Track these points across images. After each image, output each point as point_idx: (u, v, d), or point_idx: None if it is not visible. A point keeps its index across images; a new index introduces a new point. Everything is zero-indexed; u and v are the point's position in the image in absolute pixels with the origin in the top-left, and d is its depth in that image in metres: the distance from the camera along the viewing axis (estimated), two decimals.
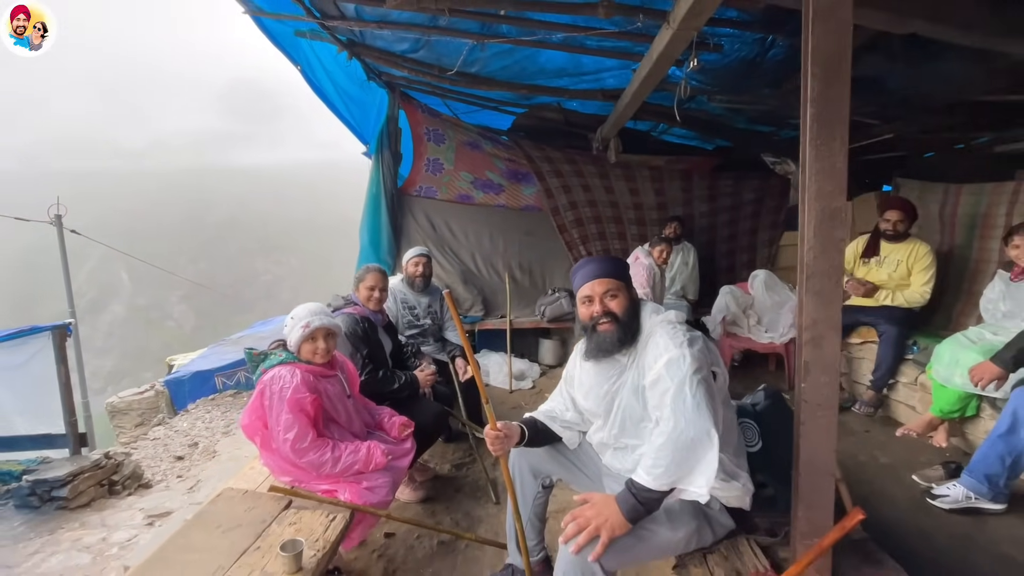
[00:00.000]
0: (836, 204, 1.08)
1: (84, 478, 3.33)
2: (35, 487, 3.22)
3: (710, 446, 1.26)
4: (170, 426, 5.70)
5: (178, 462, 4.39)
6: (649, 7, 2.06)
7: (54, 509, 3.20)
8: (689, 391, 1.30)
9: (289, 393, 1.78)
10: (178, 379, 7.56)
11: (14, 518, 3.15)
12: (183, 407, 6.75)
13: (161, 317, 43.49)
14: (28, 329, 5.26)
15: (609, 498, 1.30)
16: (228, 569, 1.36)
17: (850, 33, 1.04)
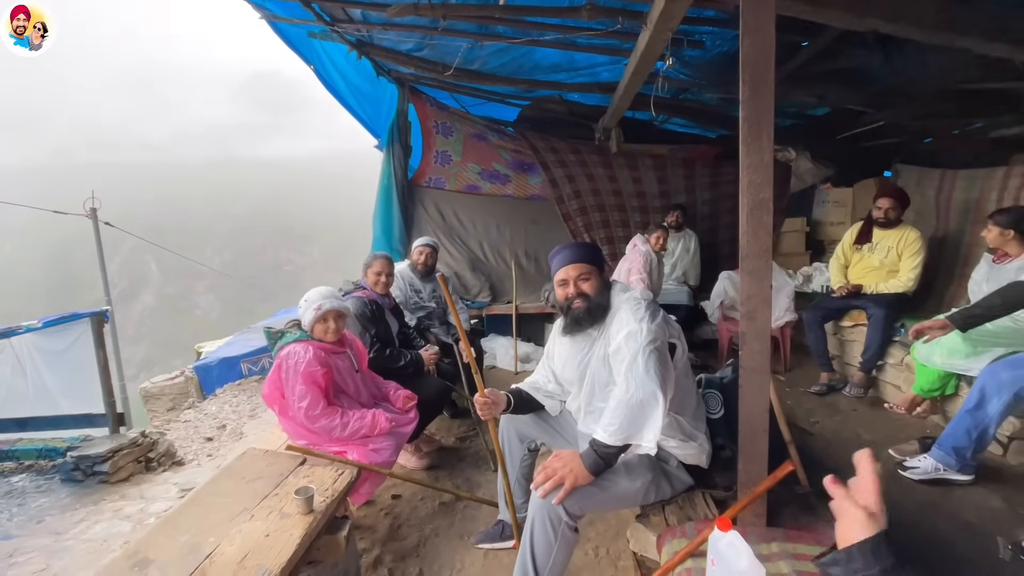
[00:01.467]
0: (764, 194, 1.23)
1: (123, 454, 3.61)
2: (79, 462, 3.51)
3: (656, 406, 1.43)
4: (200, 409, 6.05)
5: (208, 443, 4.69)
6: (628, 8, 2.20)
7: (96, 483, 3.49)
8: (642, 359, 1.47)
9: (303, 367, 2.01)
10: (206, 365, 7.87)
11: (60, 491, 3.47)
12: (211, 392, 7.09)
13: (189, 306, 44.88)
14: (70, 316, 5.68)
15: (575, 453, 1.50)
16: (252, 510, 1.61)
17: (772, 48, 1.19)
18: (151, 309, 42.99)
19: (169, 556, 1.39)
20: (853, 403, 3.41)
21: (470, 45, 2.86)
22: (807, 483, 1.72)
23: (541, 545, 1.44)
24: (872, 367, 3.38)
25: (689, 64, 2.67)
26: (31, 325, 5.87)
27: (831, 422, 3.20)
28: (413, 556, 2.11)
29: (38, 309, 24.04)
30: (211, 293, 45.52)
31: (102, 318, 5.78)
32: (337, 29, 3.07)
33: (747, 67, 1.21)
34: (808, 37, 2.45)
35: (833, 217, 5.18)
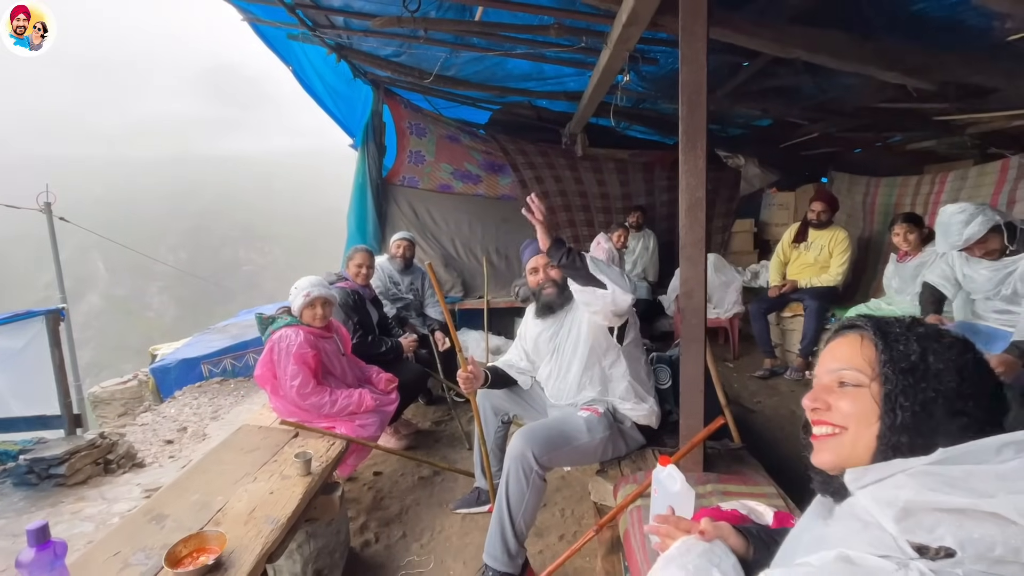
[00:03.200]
0: (698, 194, 1.51)
1: (80, 456, 3.49)
2: (33, 465, 3.38)
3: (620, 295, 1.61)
4: (157, 412, 5.91)
5: (168, 445, 4.61)
6: (591, 29, 2.47)
7: (52, 486, 3.39)
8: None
9: (295, 348, 2.18)
10: (164, 367, 7.64)
11: (13, 494, 3.38)
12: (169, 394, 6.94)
13: (140, 308, 42.85)
14: (24, 313, 5.55)
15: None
16: (255, 474, 1.78)
17: (704, 74, 1.47)
18: (98, 311, 40.85)
19: (183, 511, 1.56)
20: (792, 385, 3.80)
21: (447, 54, 3.07)
22: (739, 440, 2.02)
23: (515, 492, 1.68)
24: (809, 353, 3.77)
25: (646, 78, 2.97)
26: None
27: (771, 402, 3.57)
28: (396, 522, 2.31)
29: None
30: (165, 294, 43.63)
31: (58, 316, 5.66)
32: (319, 34, 3.22)
33: (685, 90, 1.48)
34: (748, 58, 2.78)
35: (778, 219, 5.64)
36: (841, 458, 0.69)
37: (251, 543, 1.41)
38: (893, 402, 0.65)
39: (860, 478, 0.64)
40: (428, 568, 2.00)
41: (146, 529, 1.47)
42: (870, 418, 0.67)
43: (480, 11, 2.53)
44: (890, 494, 0.59)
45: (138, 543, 1.40)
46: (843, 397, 0.70)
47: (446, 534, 2.21)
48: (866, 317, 0.73)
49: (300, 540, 1.79)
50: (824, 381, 0.74)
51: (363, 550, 2.12)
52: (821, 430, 0.72)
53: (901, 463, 0.60)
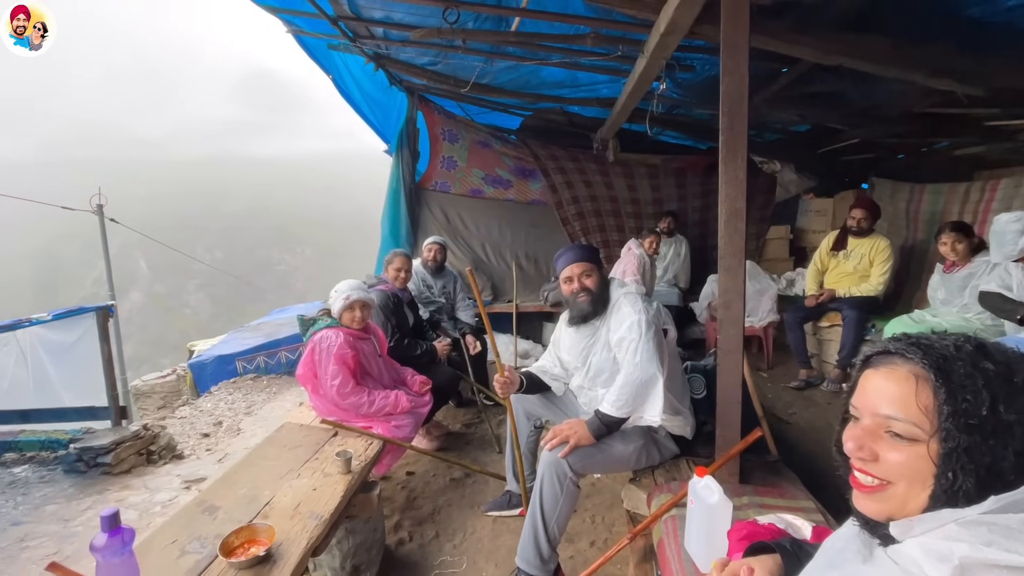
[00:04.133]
0: (738, 204, 1.51)
1: (125, 447, 3.69)
2: (82, 454, 3.58)
3: (657, 384, 1.73)
4: (195, 406, 6.15)
5: (205, 438, 4.81)
6: (628, 38, 2.48)
7: (99, 474, 3.58)
8: (643, 345, 1.76)
9: (335, 349, 2.26)
10: (201, 362, 7.94)
11: (63, 481, 3.58)
12: (206, 389, 7.21)
13: (178, 305, 44.53)
14: (77, 309, 5.86)
15: (581, 420, 1.77)
16: (298, 470, 1.85)
17: (746, 84, 1.47)
18: (140, 307, 42.62)
19: (233, 504, 1.63)
20: (829, 397, 3.70)
21: (483, 63, 3.13)
22: (776, 452, 1.99)
23: (549, 497, 1.70)
24: (847, 364, 3.67)
25: (681, 85, 2.95)
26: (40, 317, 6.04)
27: (807, 414, 3.49)
28: (429, 522, 2.35)
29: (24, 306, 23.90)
30: (201, 292, 45.24)
31: (107, 312, 5.95)
32: (358, 44, 3.32)
33: (726, 100, 1.48)
34: (787, 64, 2.74)
35: (815, 225, 5.50)
36: (887, 512, 0.63)
37: (297, 537, 1.47)
38: (953, 463, 0.57)
39: (909, 530, 0.59)
40: (461, 568, 2.04)
41: (200, 519, 1.55)
42: (924, 478, 0.59)
43: (517, 21, 2.57)
44: (943, 547, 0.54)
45: (193, 532, 1.48)
46: (893, 449, 0.61)
47: (478, 536, 2.25)
48: (919, 343, 0.63)
49: (339, 536, 1.85)
50: (868, 423, 0.64)
51: (397, 548, 2.17)
52: (865, 479, 0.64)
53: (952, 513, 0.56)
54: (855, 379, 0.69)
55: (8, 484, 3.48)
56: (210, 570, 1.33)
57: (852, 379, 0.70)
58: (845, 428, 0.68)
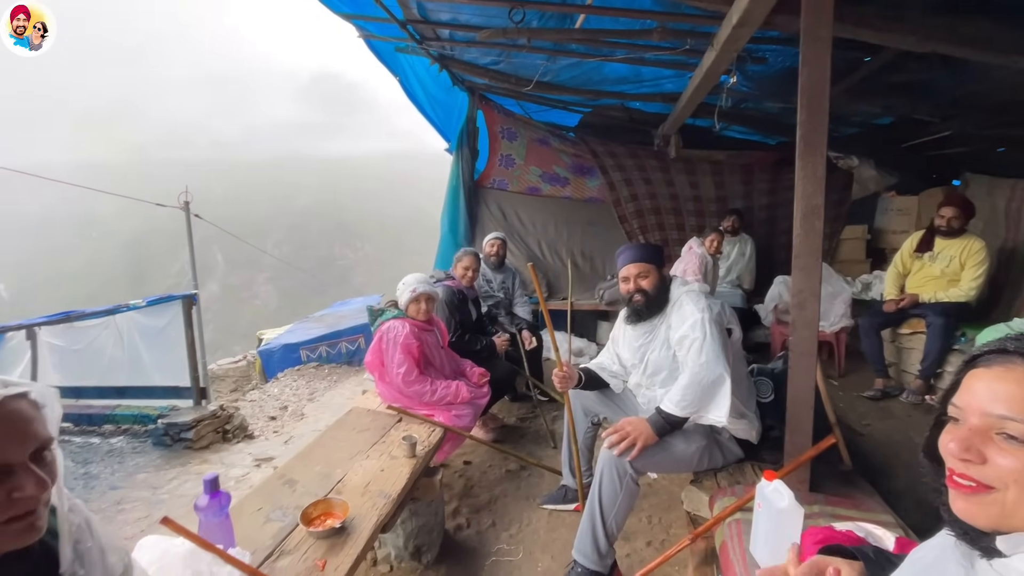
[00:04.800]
0: (816, 201, 1.45)
1: (205, 424, 4.01)
2: (168, 429, 3.94)
3: (724, 385, 1.70)
4: (263, 391, 6.56)
5: (272, 421, 5.12)
6: (697, 31, 2.42)
7: (182, 448, 3.91)
8: (709, 345, 1.73)
9: (401, 339, 2.36)
10: (269, 350, 8.46)
11: (152, 452, 3.94)
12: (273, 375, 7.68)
13: (249, 296, 47.60)
14: (167, 297, 6.41)
15: (642, 419, 1.76)
16: (367, 451, 1.96)
17: (828, 77, 1.40)
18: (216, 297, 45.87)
19: (309, 479, 1.76)
20: (908, 409, 3.45)
21: (545, 61, 3.15)
22: (849, 462, 1.90)
23: (608, 493, 1.70)
24: (931, 375, 3.40)
25: (752, 78, 2.84)
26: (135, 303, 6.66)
27: (883, 425, 3.27)
28: (486, 510, 2.41)
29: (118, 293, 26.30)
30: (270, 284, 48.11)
31: (191, 300, 6.48)
32: (424, 46, 3.43)
33: (805, 93, 1.42)
34: (871, 52, 2.57)
35: (896, 225, 5.12)
36: (992, 520, 0.59)
37: (368, 513, 1.56)
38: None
39: (1019, 544, 0.56)
40: (517, 558, 2.08)
41: (281, 491, 1.68)
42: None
43: (582, 18, 2.57)
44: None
45: (275, 502, 1.61)
46: (1006, 454, 0.58)
47: (533, 527, 2.28)
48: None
49: (404, 517, 1.94)
50: (976, 423, 0.60)
51: (456, 533, 2.24)
52: (969, 483, 0.61)
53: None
54: (957, 378, 0.65)
55: (106, 452, 3.88)
56: (291, 536, 1.44)
57: (953, 378, 0.67)
58: (943, 431, 0.64)
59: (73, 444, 4.01)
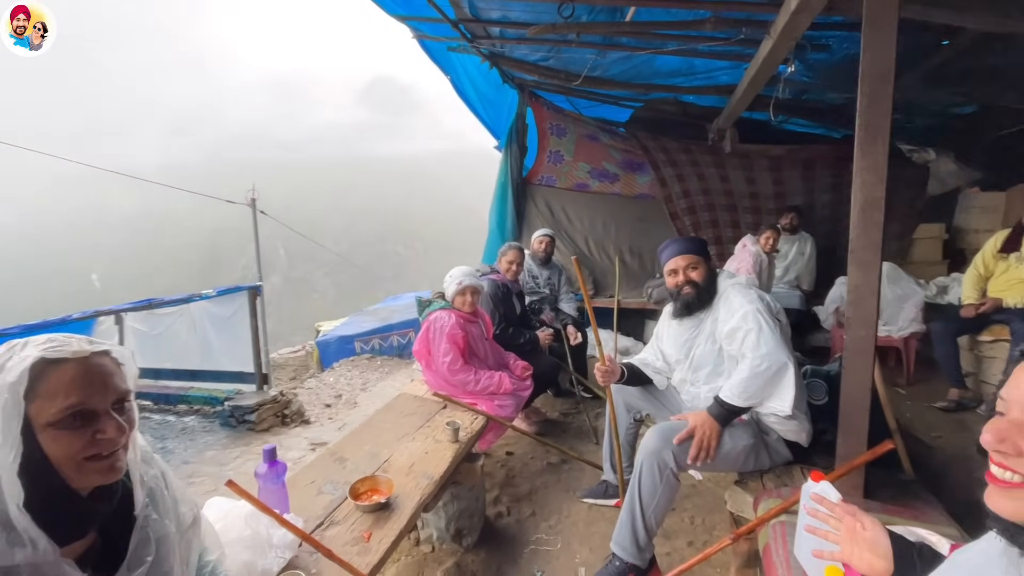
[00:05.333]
0: (876, 194, 1.37)
1: (266, 408, 4.29)
2: (234, 411, 4.24)
3: (787, 372, 1.65)
4: (319, 379, 6.89)
5: (327, 408, 5.38)
6: (753, 19, 2.33)
7: (245, 429, 4.20)
8: (768, 333, 1.68)
9: (447, 329, 2.44)
10: (326, 341, 8.85)
11: (219, 432, 4.25)
12: (329, 365, 8.04)
13: (308, 289, 50.05)
14: (234, 287, 6.85)
15: (702, 412, 1.72)
16: (412, 435, 2.04)
17: (892, 62, 1.32)
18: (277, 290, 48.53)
19: (359, 458, 1.85)
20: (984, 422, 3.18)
21: (595, 56, 3.13)
22: (911, 471, 1.78)
23: (647, 487, 1.69)
24: None
25: (813, 67, 2.70)
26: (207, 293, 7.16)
27: (957, 439, 3.03)
28: (526, 500, 2.45)
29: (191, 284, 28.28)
30: (328, 278, 50.38)
31: (256, 292, 6.90)
32: (475, 44, 3.50)
33: (866, 79, 1.35)
34: (948, 35, 2.39)
35: (979, 224, 4.71)
36: (1016, 513, 0.58)
37: (411, 492, 1.64)
38: None
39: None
40: (556, 548, 2.10)
41: (332, 467, 1.79)
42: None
43: (632, 11, 2.54)
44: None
45: (327, 477, 1.71)
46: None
47: (573, 519, 2.29)
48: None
49: (446, 499, 2.00)
50: (1017, 416, 0.61)
51: (496, 520, 2.29)
52: (1004, 475, 0.61)
53: None
54: (1010, 370, 0.63)
55: (180, 430, 4.22)
56: (341, 508, 1.53)
57: (1006, 371, 0.64)
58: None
59: (152, 421, 4.39)
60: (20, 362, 0.68)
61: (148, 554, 0.79)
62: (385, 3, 3.09)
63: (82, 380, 0.72)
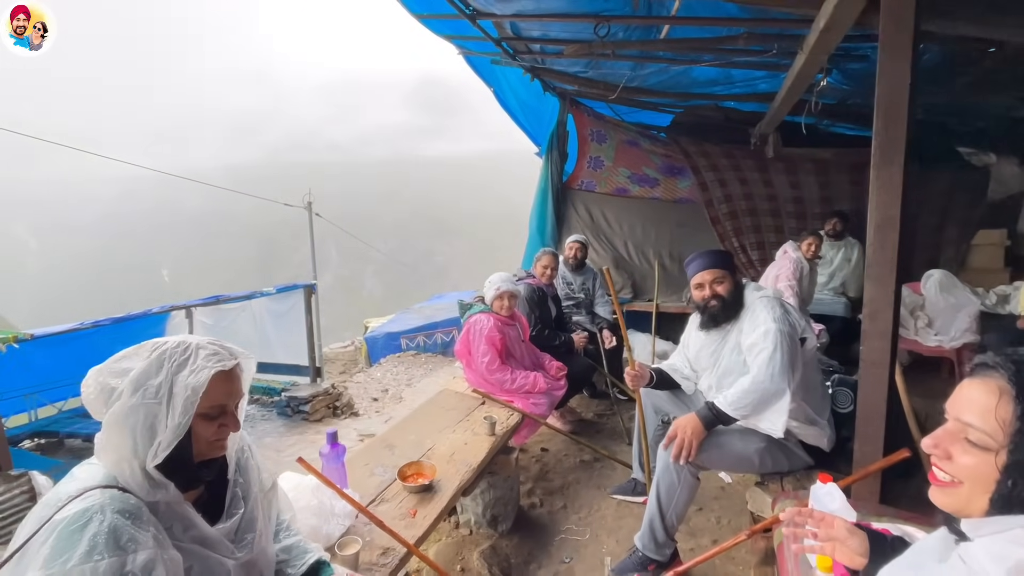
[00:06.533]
0: (891, 212, 1.44)
1: (319, 400, 4.60)
2: (290, 402, 4.59)
3: (782, 400, 1.73)
4: (368, 374, 7.23)
5: (374, 402, 5.67)
6: (785, 35, 2.38)
7: (300, 419, 4.52)
8: (778, 356, 1.75)
9: (486, 331, 2.62)
10: (374, 337, 9.22)
11: (276, 420, 4.60)
12: (377, 360, 8.40)
13: (357, 287, 51.91)
14: (291, 286, 7.32)
15: (690, 415, 1.83)
16: (453, 427, 2.24)
17: (906, 88, 1.37)
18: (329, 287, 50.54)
19: (405, 445, 2.07)
20: None
21: (631, 70, 3.23)
22: None
23: (666, 485, 1.81)
24: None
25: (852, 76, 2.70)
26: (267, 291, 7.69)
27: None
28: (558, 494, 2.60)
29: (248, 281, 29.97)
30: (376, 277, 52.09)
31: (310, 290, 7.36)
32: (518, 60, 3.67)
33: (881, 103, 1.42)
34: (994, 42, 2.35)
35: None
36: (953, 507, 0.70)
37: (452, 477, 1.83)
38: (1013, 474, 0.63)
39: (977, 528, 0.66)
40: (584, 538, 2.24)
41: (382, 452, 2.01)
42: (987, 483, 0.65)
43: (666, 29, 2.64)
44: (1004, 550, 0.61)
45: (378, 461, 1.93)
46: (965, 453, 0.67)
47: (602, 514, 2.43)
48: (1016, 360, 0.67)
49: (483, 488, 2.19)
50: (951, 426, 0.71)
51: (529, 510, 2.46)
52: (939, 474, 0.72)
53: (1019, 519, 0.62)
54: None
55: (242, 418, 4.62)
56: (390, 488, 1.74)
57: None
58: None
59: None
60: (203, 370, 0.90)
61: (239, 508, 1.01)
62: (432, 24, 3.31)
63: (227, 386, 0.95)
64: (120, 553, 0.75)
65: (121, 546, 0.76)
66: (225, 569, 0.93)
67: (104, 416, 0.87)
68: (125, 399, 0.86)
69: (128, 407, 0.86)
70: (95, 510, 0.77)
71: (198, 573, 0.88)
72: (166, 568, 0.80)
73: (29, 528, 0.76)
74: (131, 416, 0.86)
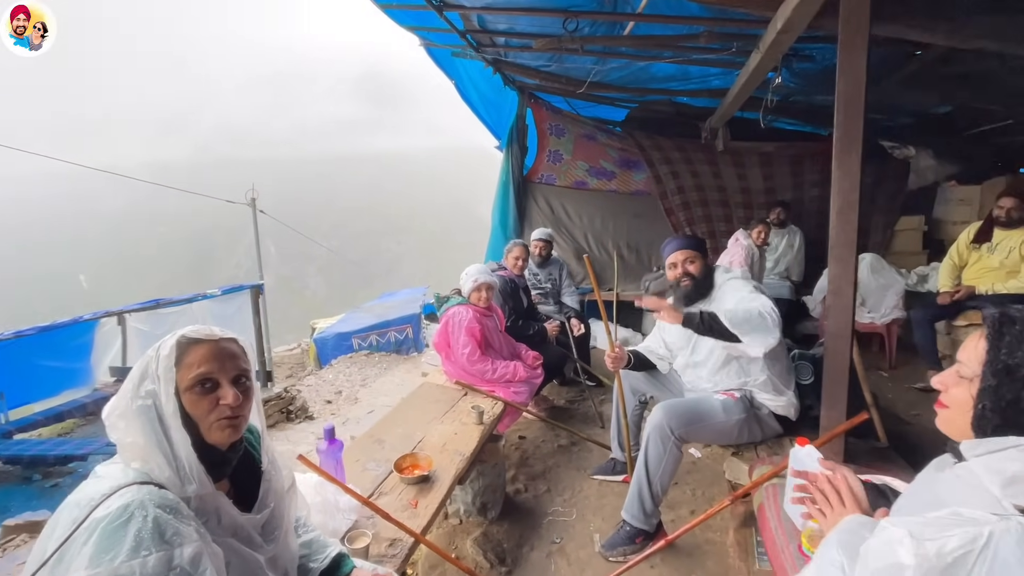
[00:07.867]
0: (851, 198, 1.59)
1: (271, 405, 4.40)
2: None
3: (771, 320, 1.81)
4: (318, 376, 6.99)
5: (328, 404, 5.50)
6: (743, 34, 2.54)
7: None
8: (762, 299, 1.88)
9: (465, 323, 2.64)
10: (323, 338, 8.88)
11: None
12: (327, 362, 8.14)
13: (300, 287, 49.80)
14: (237, 287, 6.98)
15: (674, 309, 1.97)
16: (440, 418, 2.25)
17: (863, 85, 1.53)
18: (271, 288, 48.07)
19: (396, 438, 2.05)
20: None
21: (595, 64, 3.32)
22: (885, 440, 2.02)
23: (654, 456, 1.91)
24: None
25: (799, 75, 2.91)
26: (211, 293, 7.29)
27: (933, 416, 3.24)
28: (541, 479, 2.67)
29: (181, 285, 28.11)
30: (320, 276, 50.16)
31: (258, 291, 7.05)
32: (481, 52, 3.67)
33: (841, 99, 1.56)
34: (921, 46, 2.61)
35: (956, 216, 4.98)
36: (948, 431, 0.84)
37: (448, 467, 1.84)
38: (983, 399, 0.76)
39: (975, 448, 0.78)
40: (571, 519, 2.32)
41: (373, 447, 1.99)
42: (965, 408, 0.79)
43: (631, 25, 2.73)
44: (1000, 465, 0.72)
45: (370, 456, 1.91)
46: (957, 385, 0.82)
47: (585, 494, 2.52)
48: (1004, 314, 0.80)
49: (472, 476, 2.21)
50: (954, 367, 0.85)
51: (515, 496, 2.51)
52: (940, 405, 0.87)
53: (1015, 439, 0.73)
54: None
55: None
56: (387, 482, 1.73)
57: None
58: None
59: None
60: (170, 338, 0.89)
61: (271, 500, 0.99)
62: (396, 15, 3.25)
63: (211, 356, 0.91)
64: (166, 547, 0.73)
65: (167, 540, 0.74)
66: (258, 563, 0.91)
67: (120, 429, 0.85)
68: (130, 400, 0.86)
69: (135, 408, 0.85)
70: (136, 506, 0.74)
71: (236, 566, 0.86)
72: (211, 561, 0.78)
73: (62, 530, 0.72)
74: (141, 415, 0.85)
